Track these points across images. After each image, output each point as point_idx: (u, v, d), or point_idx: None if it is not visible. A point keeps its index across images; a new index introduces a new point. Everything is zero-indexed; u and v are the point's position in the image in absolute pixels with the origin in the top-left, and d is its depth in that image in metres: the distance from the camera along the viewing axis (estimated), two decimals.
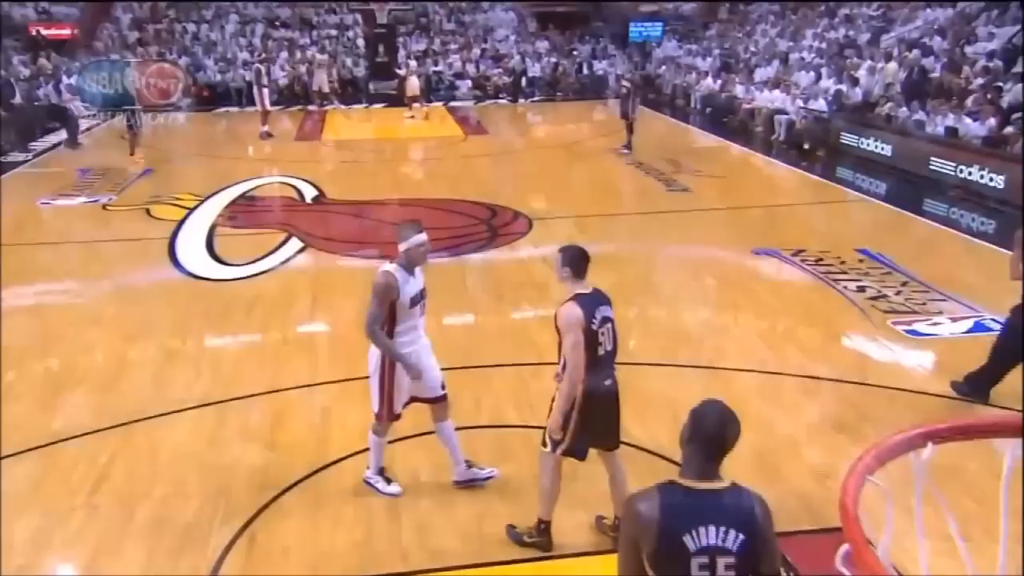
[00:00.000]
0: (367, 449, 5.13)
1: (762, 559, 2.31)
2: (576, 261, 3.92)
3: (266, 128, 17.13)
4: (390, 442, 5.23)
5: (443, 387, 4.63)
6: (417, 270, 4.39)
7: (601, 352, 3.85)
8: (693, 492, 2.32)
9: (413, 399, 4.60)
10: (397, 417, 4.61)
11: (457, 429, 4.78)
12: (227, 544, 4.27)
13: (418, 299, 4.41)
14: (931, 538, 3.18)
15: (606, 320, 3.88)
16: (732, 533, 2.26)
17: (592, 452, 4.11)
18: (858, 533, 2.00)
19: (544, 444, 4.04)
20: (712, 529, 2.26)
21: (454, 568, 4.10)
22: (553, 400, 3.97)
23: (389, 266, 4.36)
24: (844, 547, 2.06)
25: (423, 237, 4.36)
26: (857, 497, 2.15)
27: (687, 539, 2.25)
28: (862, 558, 1.95)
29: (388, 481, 4.75)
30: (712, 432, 2.37)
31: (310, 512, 4.56)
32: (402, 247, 4.35)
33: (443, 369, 4.67)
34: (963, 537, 2.68)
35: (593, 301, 3.88)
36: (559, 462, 4.05)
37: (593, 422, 3.94)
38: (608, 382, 3.93)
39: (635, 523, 2.30)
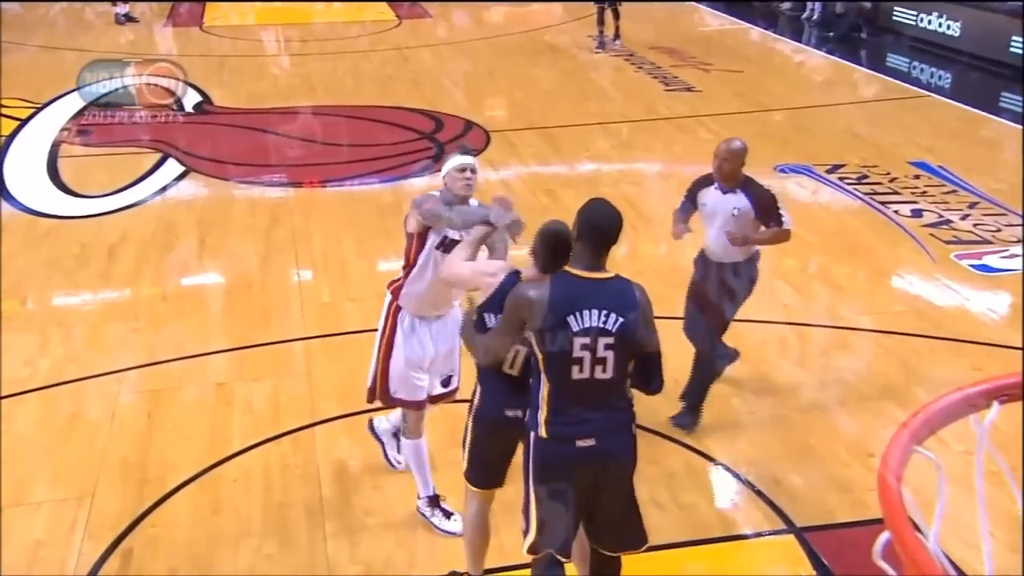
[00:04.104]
0: (277, 436, 5.18)
1: (641, 340, 3.26)
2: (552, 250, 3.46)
3: (124, 9, 16.60)
4: (308, 426, 5.27)
5: (446, 384, 4.51)
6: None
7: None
8: (581, 279, 3.22)
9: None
10: (410, 404, 4.38)
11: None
12: (92, 566, 4.27)
13: (452, 247, 4.11)
14: (999, 527, 3.30)
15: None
16: (612, 316, 3.17)
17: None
18: (901, 518, 2.07)
19: None
20: (595, 312, 3.16)
21: None
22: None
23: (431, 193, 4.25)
24: (884, 536, 2.13)
25: (466, 160, 4.13)
26: (901, 473, 2.22)
27: (571, 319, 3.16)
28: (907, 550, 2.02)
29: (447, 515, 4.48)
30: (601, 229, 3.24)
31: (204, 520, 4.57)
32: (442, 172, 4.23)
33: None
34: None
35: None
36: (483, 499, 3.85)
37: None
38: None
39: (523, 304, 3.21)
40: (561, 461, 3.29)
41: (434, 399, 4.52)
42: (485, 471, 3.78)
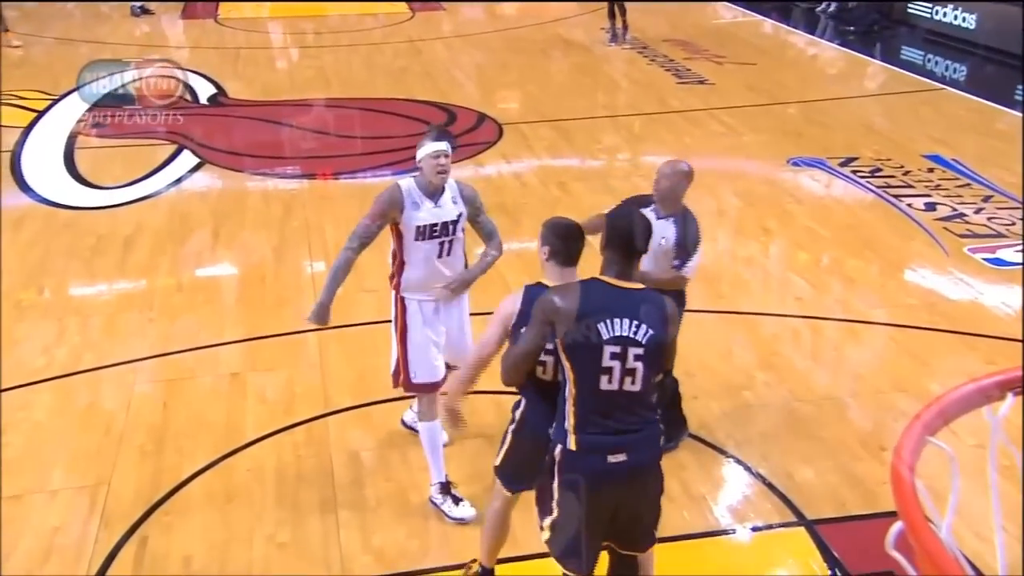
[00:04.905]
0: (291, 426, 5.20)
1: (666, 354, 3.25)
2: (564, 239, 3.49)
3: (140, 1, 16.64)
4: (321, 416, 5.29)
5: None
6: (448, 196, 4.29)
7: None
8: (612, 287, 3.16)
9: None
10: (427, 388, 4.45)
11: None
12: (108, 553, 4.29)
13: (433, 232, 4.28)
14: (1012, 521, 3.29)
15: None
16: (643, 328, 3.11)
17: None
18: (915, 509, 2.07)
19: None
20: (625, 321, 3.10)
21: (406, 575, 4.16)
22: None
23: (404, 179, 4.34)
24: (896, 526, 2.13)
25: (440, 145, 4.20)
26: (914, 463, 2.22)
27: (602, 326, 3.09)
28: (920, 541, 2.02)
29: (456, 501, 4.49)
30: (631, 239, 3.18)
31: (219, 509, 4.59)
32: (416, 157, 4.27)
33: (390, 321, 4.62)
34: None
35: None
36: (509, 500, 3.81)
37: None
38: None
39: (553, 309, 3.13)
40: (591, 475, 3.19)
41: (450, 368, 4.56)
42: (519, 475, 3.68)
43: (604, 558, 3.48)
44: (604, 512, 3.25)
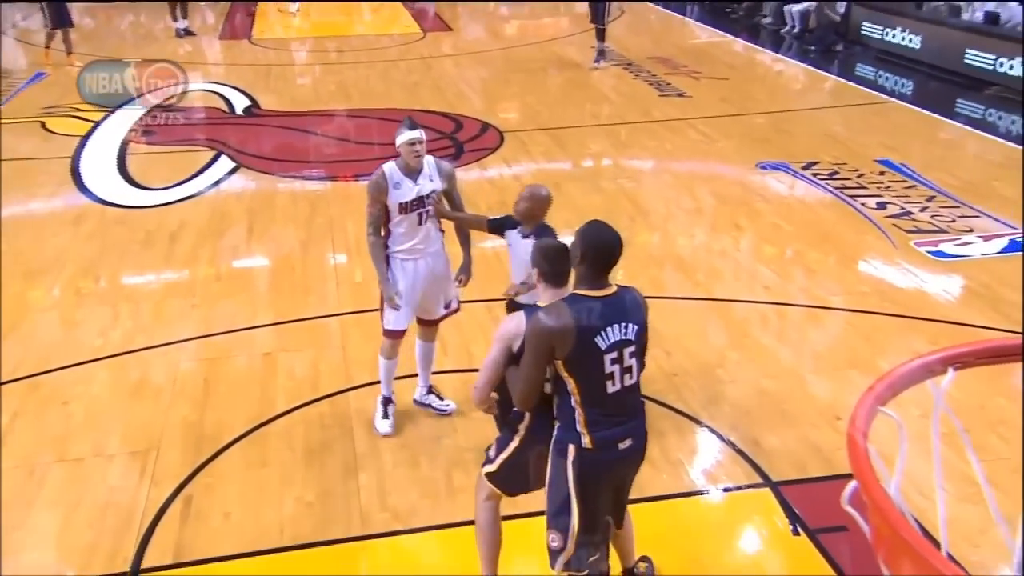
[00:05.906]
0: (317, 400, 5.21)
1: (647, 337, 3.15)
2: (552, 263, 3.25)
3: (183, 24, 16.59)
4: (343, 391, 5.30)
5: (447, 307, 4.86)
6: (424, 174, 4.55)
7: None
8: (595, 299, 3.03)
9: (418, 319, 4.80)
10: (394, 334, 4.71)
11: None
12: (158, 511, 4.32)
13: (413, 206, 4.52)
14: (950, 481, 3.31)
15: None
16: (630, 326, 3.04)
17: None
18: (867, 469, 2.08)
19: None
20: (616, 327, 3.01)
21: (419, 530, 4.20)
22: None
23: (388, 163, 4.56)
24: (851, 485, 2.15)
25: (414, 134, 4.48)
26: (867, 430, 2.23)
27: (598, 340, 2.99)
28: (871, 497, 2.03)
29: (385, 414, 4.87)
30: (605, 250, 3.05)
31: (254, 472, 4.62)
32: (396, 144, 4.53)
33: None
34: (989, 482, 2.77)
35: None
36: (498, 504, 3.57)
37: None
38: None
39: (550, 334, 2.97)
40: (606, 467, 3.12)
41: (442, 319, 4.90)
42: (516, 480, 3.46)
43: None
44: (612, 493, 3.21)
